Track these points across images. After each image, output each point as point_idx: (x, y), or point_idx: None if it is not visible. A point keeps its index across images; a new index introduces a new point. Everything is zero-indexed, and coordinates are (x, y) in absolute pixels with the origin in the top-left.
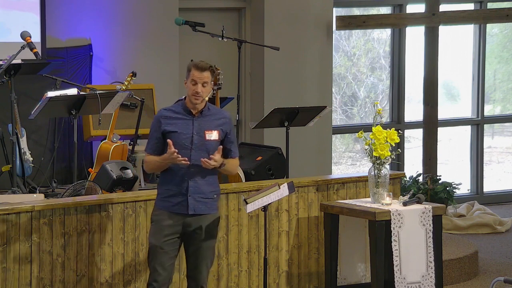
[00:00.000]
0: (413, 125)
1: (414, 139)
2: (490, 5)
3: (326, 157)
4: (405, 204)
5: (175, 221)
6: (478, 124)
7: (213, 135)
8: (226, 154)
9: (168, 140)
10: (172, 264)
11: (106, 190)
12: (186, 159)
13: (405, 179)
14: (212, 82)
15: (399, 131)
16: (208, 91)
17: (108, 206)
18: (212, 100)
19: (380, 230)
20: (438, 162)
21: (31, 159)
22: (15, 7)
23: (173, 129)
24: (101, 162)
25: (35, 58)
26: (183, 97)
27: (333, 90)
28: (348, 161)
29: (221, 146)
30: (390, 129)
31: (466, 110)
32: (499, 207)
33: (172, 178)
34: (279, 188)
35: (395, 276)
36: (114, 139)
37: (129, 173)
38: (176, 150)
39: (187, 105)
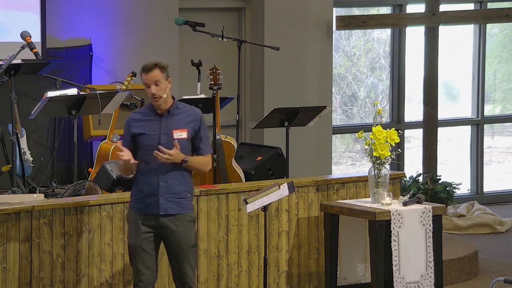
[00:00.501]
0: (413, 125)
1: (414, 139)
2: (490, 5)
3: (326, 157)
4: (405, 204)
5: (149, 221)
6: (478, 124)
7: (181, 134)
8: (196, 152)
9: (117, 144)
10: (155, 263)
11: (106, 190)
12: (133, 160)
13: (405, 179)
14: (168, 77)
15: (399, 131)
16: (164, 88)
17: (108, 206)
18: (212, 100)
19: (380, 230)
20: (438, 162)
21: (31, 159)
22: (15, 7)
23: (141, 131)
24: (101, 162)
25: (35, 58)
26: (183, 97)
27: (333, 90)
28: (348, 161)
29: (176, 141)
30: (390, 129)
31: (466, 110)
32: (499, 207)
33: (143, 179)
34: (279, 188)
35: (393, 276)
36: (114, 139)
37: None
38: (125, 154)
39: (154, 106)
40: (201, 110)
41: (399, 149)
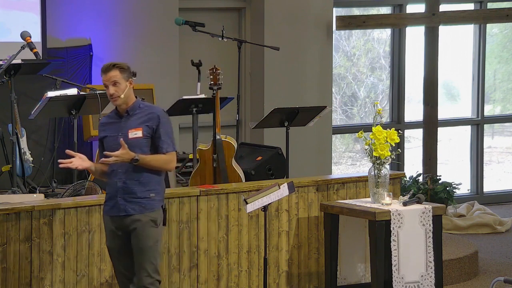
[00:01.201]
0: (413, 125)
1: (414, 139)
2: (490, 5)
3: (326, 157)
4: (405, 204)
5: (116, 223)
6: (478, 124)
7: (136, 133)
8: (156, 150)
9: (67, 151)
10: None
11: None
12: (84, 165)
13: (405, 179)
14: (129, 78)
15: (399, 131)
16: (123, 88)
17: None
18: (212, 100)
19: (380, 230)
20: (438, 162)
21: (31, 159)
22: (15, 7)
23: (105, 134)
24: None
25: (35, 58)
26: (183, 97)
27: (333, 90)
28: (348, 161)
29: (122, 140)
30: (390, 129)
31: (466, 110)
32: (499, 207)
33: (109, 181)
34: (279, 188)
35: (393, 276)
36: None
37: None
38: (73, 162)
39: (117, 108)
40: (201, 110)
41: (399, 149)
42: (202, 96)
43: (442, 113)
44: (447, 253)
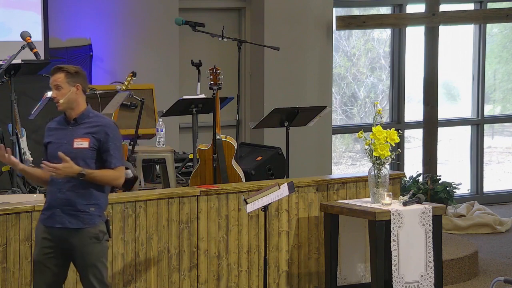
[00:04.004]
0: (413, 125)
1: (414, 139)
2: (490, 5)
3: (326, 157)
4: (405, 204)
5: (50, 234)
6: (478, 124)
7: (82, 143)
8: (103, 165)
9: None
10: (58, 280)
11: None
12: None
13: (405, 179)
14: (76, 83)
15: (399, 131)
16: (64, 93)
17: (108, 206)
18: (212, 100)
19: (380, 230)
20: (438, 162)
21: (31, 159)
22: (16, 6)
23: (50, 140)
24: None
25: (35, 58)
26: (183, 97)
27: (333, 90)
28: (348, 161)
29: (62, 154)
30: (390, 129)
31: (466, 110)
32: (499, 207)
33: (49, 189)
34: (279, 188)
35: (393, 276)
36: None
37: (129, 173)
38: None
39: (66, 114)
40: (201, 110)
41: (399, 149)
42: (202, 96)
43: (442, 113)
44: (447, 253)
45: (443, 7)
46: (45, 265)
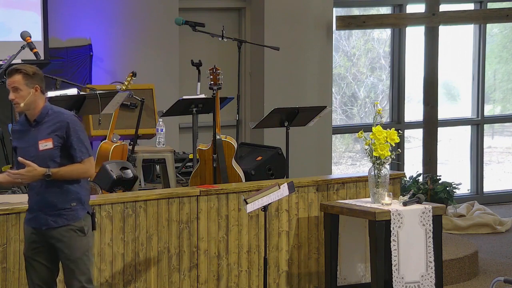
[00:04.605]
0: (413, 125)
1: (414, 139)
2: (490, 5)
3: (326, 157)
4: (405, 204)
5: (36, 236)
6: (478, 124)
7: (46, 144)
8: (70, 159)
9: None
10: (51, 275)
11: (106, 190)
12: None
13: (405, 179)
14: (35, 85)
15: (399, 131)
16: (25, 95)
17: (108, 206)
18: (212, 100)
19: (380, 230)
20: (438, 162)
21: None
22: (16, 6)
23: (17, 144)
24: (101, 162)
25: (35, 58)
26: (183, 97)
27: (333, 90)
28: (348, 161)
29: (22, 159)
30: (390, 129)
31: (466, 110)
32: (499, 207)
33: (28, 193)
34: (279, 188)
35: (393, 276)
36: (114, 139)
37: (129, 173)
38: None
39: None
40: (201, 110)
41: (399, 149)
42: (202, 96)
43: (442, 113)
44: (447, 253)
45: (443, 7)
46: (35, 260)
